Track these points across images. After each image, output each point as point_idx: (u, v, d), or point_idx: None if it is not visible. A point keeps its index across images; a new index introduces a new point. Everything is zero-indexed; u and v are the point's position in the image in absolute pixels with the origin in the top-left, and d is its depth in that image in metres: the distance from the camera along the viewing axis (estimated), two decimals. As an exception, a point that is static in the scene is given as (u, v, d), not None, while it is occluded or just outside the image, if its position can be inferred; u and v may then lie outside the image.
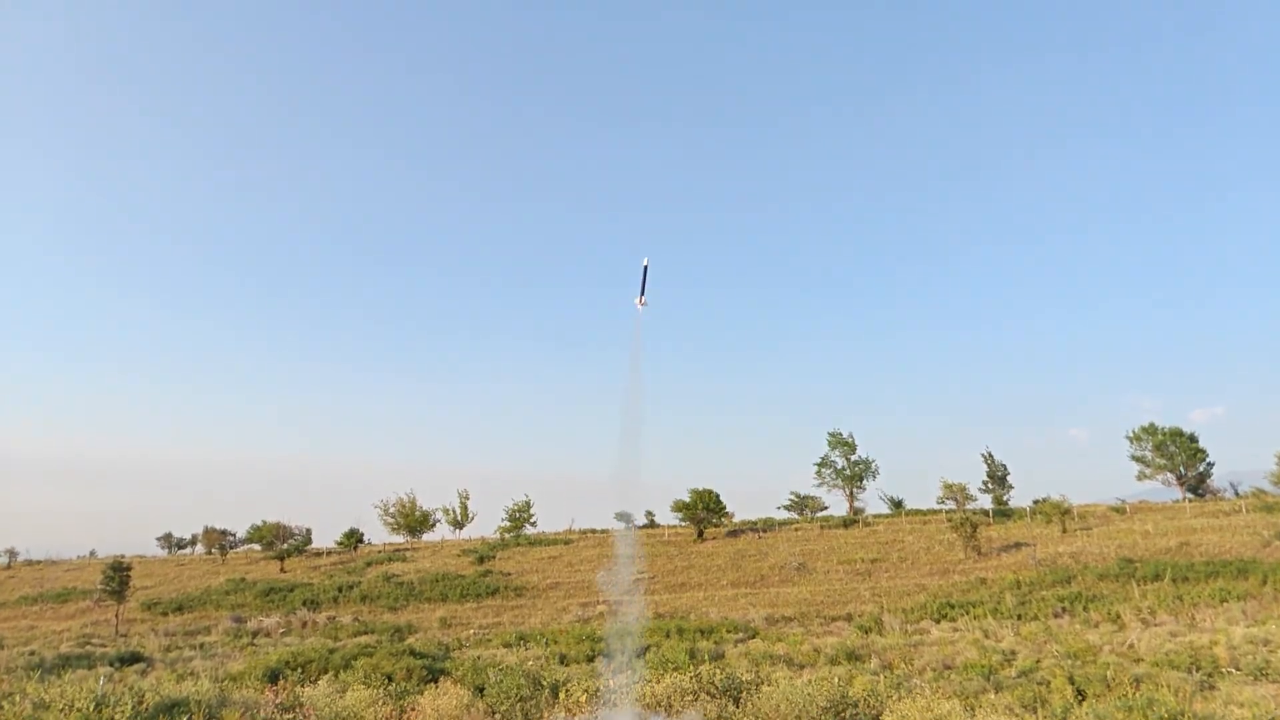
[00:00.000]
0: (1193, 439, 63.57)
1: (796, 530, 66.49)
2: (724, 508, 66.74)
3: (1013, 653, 27.19)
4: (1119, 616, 33.59)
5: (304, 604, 54.41)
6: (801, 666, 26.75)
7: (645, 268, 22.15)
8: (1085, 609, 36.12)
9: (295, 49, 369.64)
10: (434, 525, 77.52)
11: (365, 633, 43.53)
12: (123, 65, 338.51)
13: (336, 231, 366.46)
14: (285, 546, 71.37)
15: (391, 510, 77.29)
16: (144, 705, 14.42)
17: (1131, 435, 65.91)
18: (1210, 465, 64.05)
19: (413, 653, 27.92)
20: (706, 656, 28.60)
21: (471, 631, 42.51)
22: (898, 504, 72.50)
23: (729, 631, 36.46)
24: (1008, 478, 69.66)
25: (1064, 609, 36.78)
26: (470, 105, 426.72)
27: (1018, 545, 53.28)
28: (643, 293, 21.84)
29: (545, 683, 19.82)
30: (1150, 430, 64.82)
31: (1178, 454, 63.40)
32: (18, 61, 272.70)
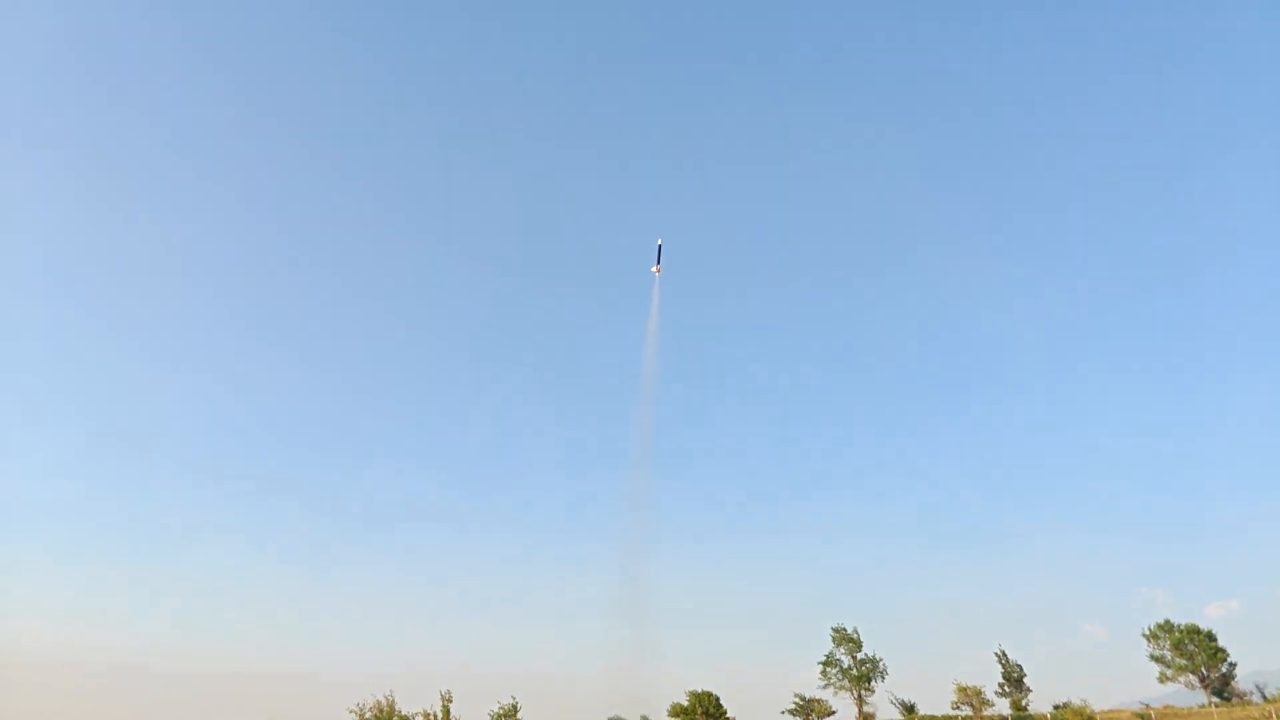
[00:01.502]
0: (1211, 637, 61.48)
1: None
2: (724, 712, 62.64)
3: None
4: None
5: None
6: None
7: (660, 245, 32.45)
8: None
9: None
10: (414, 731, 71.82)
11: None
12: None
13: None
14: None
15: (368, 715, 71.95)
16: None
17: (1148, 633, 63.71)
18: (1233, 665, 61.43)
19: None
20: None
21: None
22: (910, 709, 68.18)
23: None
24: (1024, 679, 66.20)
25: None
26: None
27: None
28: (658, 262, 31.86)
29: None
30: (1166, 628, 62.88)
31: (1198, 653, 61.05)
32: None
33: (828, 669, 69.54)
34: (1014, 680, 65.93)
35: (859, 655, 69.48)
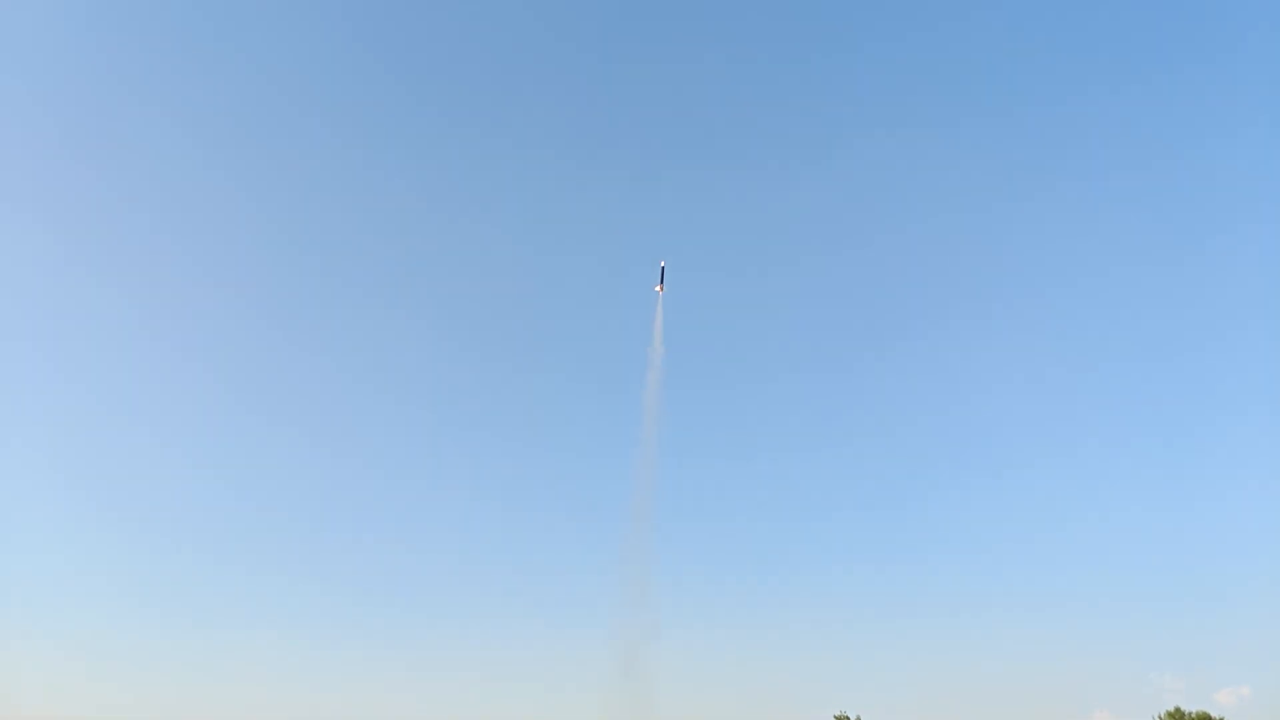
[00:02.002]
0: (1223, 723, 59.05)
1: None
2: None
3: None
4: None
5: None
6: None
7: (663, 267, 35.67)
8: None
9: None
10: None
11: None
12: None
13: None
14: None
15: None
16: None
17: (1159, 720, 61.56)
18: (1251, 757, 58.48)
19: None
20: None
21: None
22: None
23: None
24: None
25: None
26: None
27: None
28: (661, 282, 35.05)
29: None
30: (1177, 715, 60.76)
31: (1213, 744, 58.43)
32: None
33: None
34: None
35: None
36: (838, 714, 68.64)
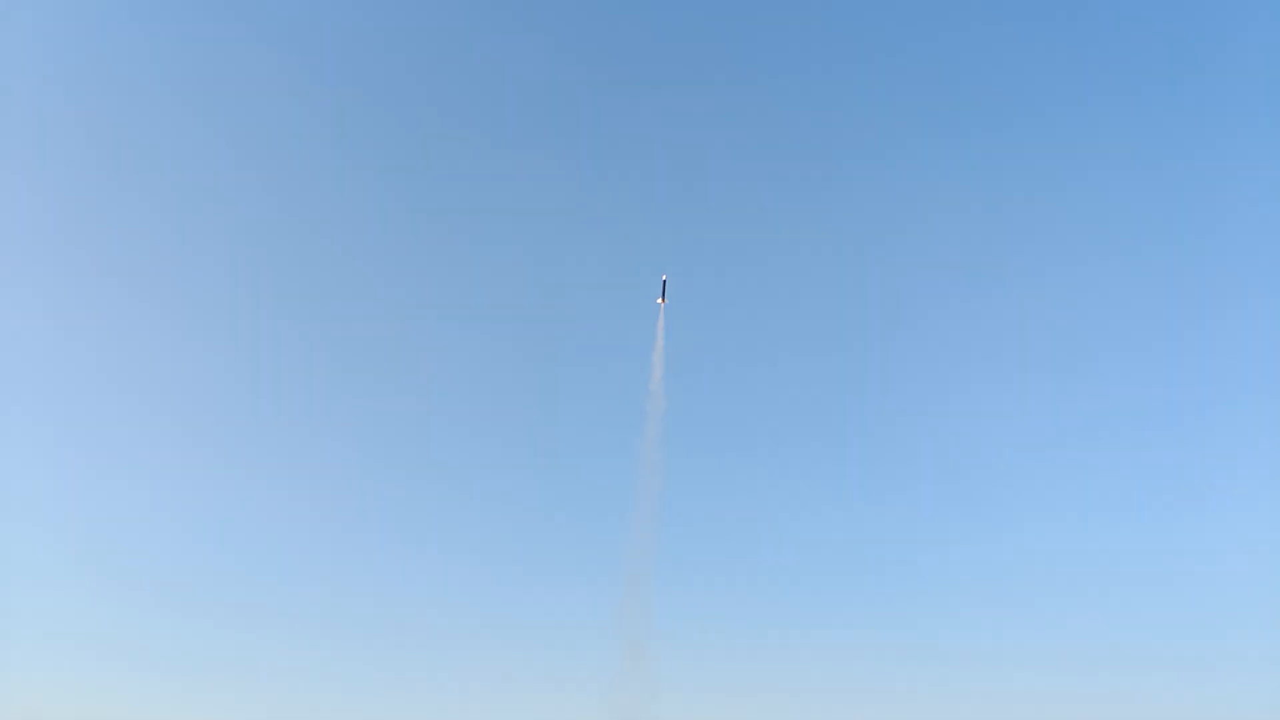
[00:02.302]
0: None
1: None
2: None
3: None
4: None
5: None
6: None
7: (664, 281, 35.41)
8: None
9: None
10: None
11: None
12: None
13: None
14: None
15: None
16: None
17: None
18: None
19: None
20: None
21: None
22: None
23: None
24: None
25: None
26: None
27: None
28: (663, 296, 35.02)
29: None
30: None
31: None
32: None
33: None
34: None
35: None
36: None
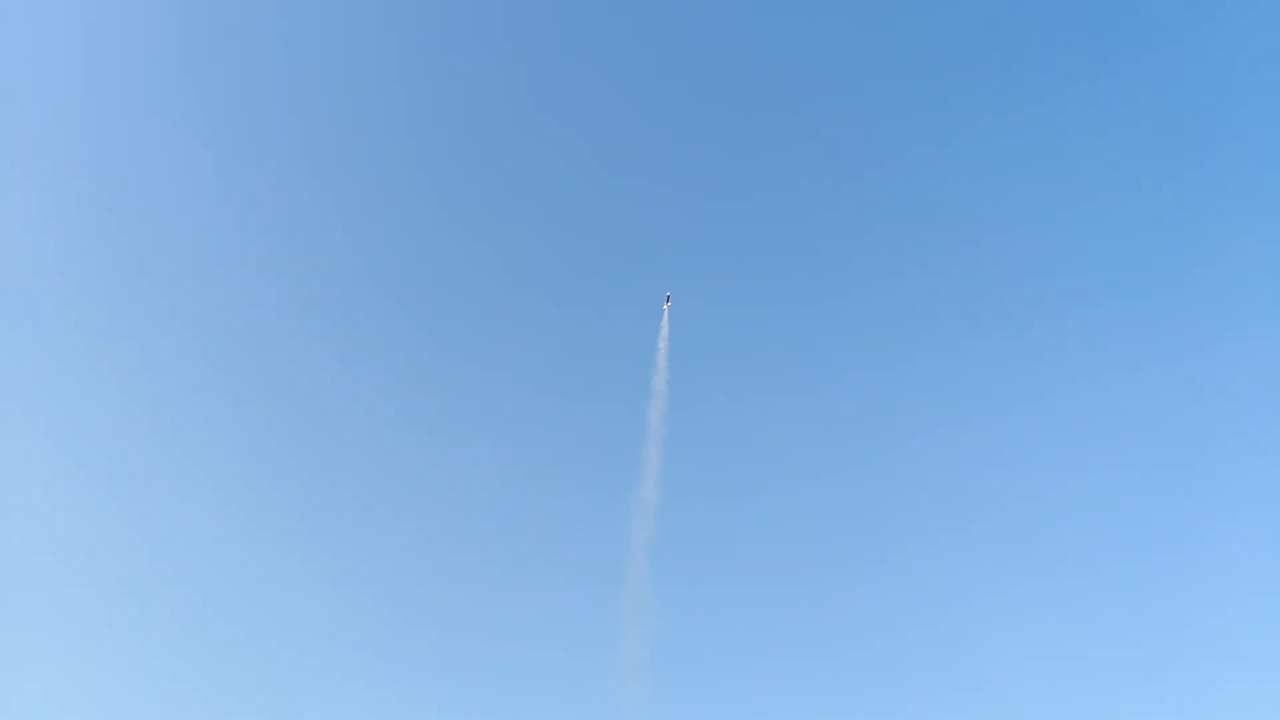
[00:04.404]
0: None
1: None
2: None
3: None
4: None
5: None
6: None
7: (668, 297, 34.92)
8: None
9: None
10: None
11: None
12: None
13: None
14: None
15: None
16: None
17: None
18: None
19: None
20: None
21: None
22: None
23: None
24: None
25: None
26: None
27: None
28: (667, 300, 36.74)
29: None
30: None
31: None
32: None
33: None
34: None
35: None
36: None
